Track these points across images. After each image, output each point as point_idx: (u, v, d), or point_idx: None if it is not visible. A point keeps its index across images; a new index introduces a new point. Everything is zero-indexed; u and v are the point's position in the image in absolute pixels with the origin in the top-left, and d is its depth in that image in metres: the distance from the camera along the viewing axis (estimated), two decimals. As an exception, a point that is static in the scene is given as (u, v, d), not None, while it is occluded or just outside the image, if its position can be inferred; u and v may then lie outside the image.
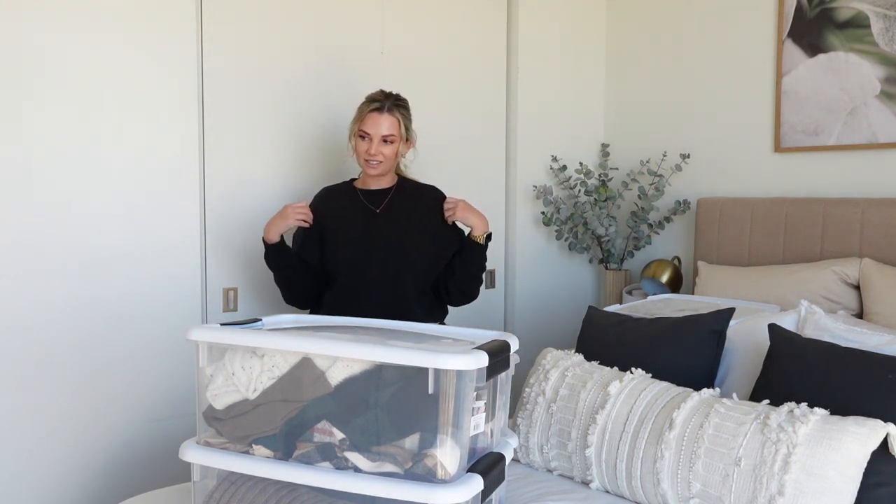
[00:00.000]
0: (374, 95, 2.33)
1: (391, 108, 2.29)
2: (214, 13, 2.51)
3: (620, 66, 3.48)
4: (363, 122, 2.29)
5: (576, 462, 1.89)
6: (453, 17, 3.10)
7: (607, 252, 3.26)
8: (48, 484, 2.30)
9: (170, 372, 2.48)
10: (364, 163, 2.33)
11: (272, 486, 1.49)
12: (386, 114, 2.28)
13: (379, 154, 2.29)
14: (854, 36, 2.68)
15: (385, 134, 2.28)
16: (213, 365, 1.57)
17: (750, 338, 2.15)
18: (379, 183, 2.41)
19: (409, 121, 2.35)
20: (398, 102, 2.32)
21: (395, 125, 2.29)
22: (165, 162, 2.45)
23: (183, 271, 2.50)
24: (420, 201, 2.41)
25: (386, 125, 2.27)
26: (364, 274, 2.32)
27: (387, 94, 2.33)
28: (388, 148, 2.30)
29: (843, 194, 2.75)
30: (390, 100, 2.31)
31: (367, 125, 2.28)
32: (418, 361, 1.38)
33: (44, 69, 2.23)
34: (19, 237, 2.22)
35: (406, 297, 2.34)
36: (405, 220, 2.37)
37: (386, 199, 2.39)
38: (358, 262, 2.33)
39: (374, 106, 2.29)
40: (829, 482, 1.51)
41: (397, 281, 2.33)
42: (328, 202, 2.42)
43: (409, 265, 2.34)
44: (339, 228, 2.36)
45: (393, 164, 2.37)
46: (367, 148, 2.29)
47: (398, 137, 2.30)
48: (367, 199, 2.39)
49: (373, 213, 2.37)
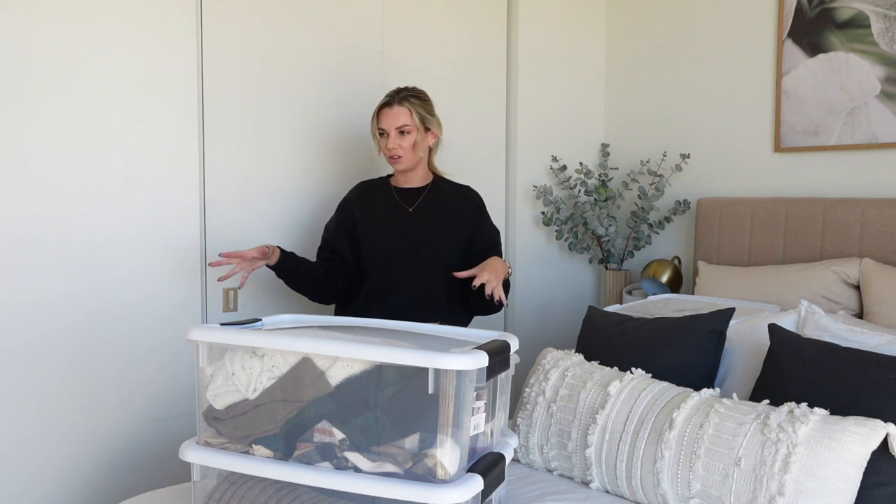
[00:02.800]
0: (387, 93, 2.39)
1: (401, 100, 2.33)
2: (214, 13, 2.51)
3: (620, 66, 3.49)
4: (378, 119, 2.36)
5: (576, 462, 1.89)
6: (453, 18, 3.10)
7: (607, 252, 3.26)
8: (48, 484, 2.30)
9: (170, 372, 2.48)
10: (388, 159, 2.37)
11: (272, 486, 1.49)
12: (396, 106, 2.32)
13: (398, 147, 2.33)
14: (854, 36, 2.68)
15: (399, 125, 2.31)
16: (213, 365, 1.57)
17: (750, 338, 2.15)
18: (412, 181, 2.43)
19: (426, 111, 2.37)
20: (409, 93, 2.36)
21: (407, 115, 2.32)
22: (165, 162, 2.45)
23: (183, 271, 2.50)
24: (454, 202, 2.43)
25: (398, 117, 2.32)
26: (395, 272, 2.35)
27: (399, 89, 2.38)
28: (405, 140, 2.33)
29: (843, 194, 2.75)
30: (401, 93, 2.35)
31: (381, 121, 2.35)
32: (418, 361, 1.38)
33: (44, 69, 2.23)
34: (19, 237, 2.22)
35: (437, 296, 2.35)
36: (437, 220, 2.39)
37: (420, 198, 2.41)
38: (389, 259, 2.35)
39: (385, 101, 2.36)
40: (829, 482, 1.51)
41: (428, 281, 2.34)
42: (364, 197, 2.46)
43: (440, 265, 2.35)
44: (371, 225, 2.39)
45: (417, 158, 2.38)
46: (385, 143, 2.34)
47: (414, 127, 2.33)
48: (401, 198, 2.42)
49: (405, 212, 2.39)
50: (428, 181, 2.45)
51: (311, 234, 2.76)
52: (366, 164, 2.89)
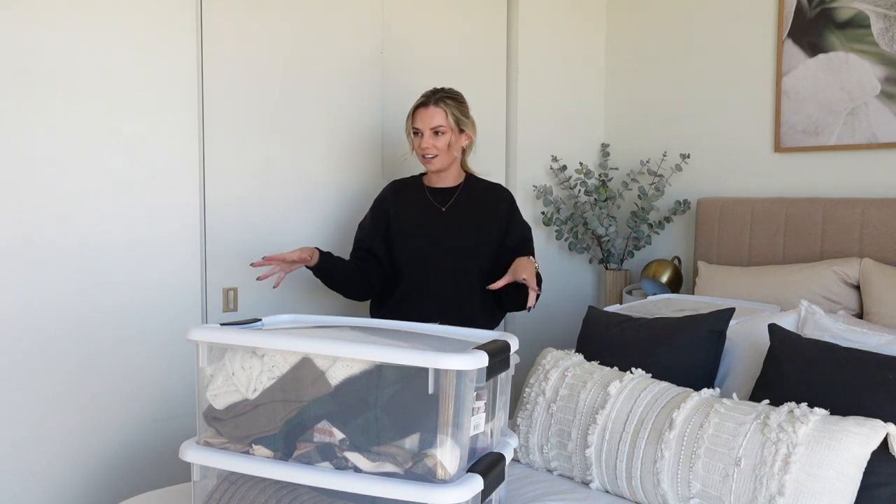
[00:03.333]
0: (422, 94, 2.41)
1: (437, 100, 2.36)
2: (214, 14, 2.51)
3: (620, 66, 3.49)
4: (413, 119, 2.38)
5: (576, 462, 1.89)
6: (453, 18, 3.10)
7: (607, 252, 3.26)
8: (48, 484, 2.30)
9: (170, 372, 2.48)
10: (421, 158, 2.39)
11: (272, 486, 1.49)
12: (432, 106, 2.35)
13: (431, 147, 2.35)
14: (854, 36, 2.68)
15: (433, 126, 2.34)
16: (213, 365, 1.57)
17: (750, 338, 2.15)
18: (445, 180, 2.45)
19: (461, 112, 2.39)
20: (445, 94, 2.38)
21: (442, 116, 2.34)
22: (165, 162, 2.45)
23: (183, 271, 2.50)
24: (486, 200, 2.45)
25: (433, 117, 2.34)
26: (428, 271, 2.37)
27: (435, 89, 2.40)
28: (440, 140, 2.35)
29: (843, 194, 2.75)
30: (437, 94, 2.38)
31: (416, 121, 2.37)
32: (418, 361, 1.38)
33: (43, 69, 2.23)
34: (19, 237, 2.22)
35: (470, 294, 2.36)
36: (470, 219, 2.41)
37: (452, 197, 2.43)
38: (423, 259, 2.37)
39: (421, 101, 2.38)
40: (829, 482, 1.51)
41: (462, 279, 2.36)
42: (397, 196, 2.48)
43: (473, 264, 2.37)
44: (405, 224, 2.42)
45: (451, 158, 2.40)
46: (419, 143, 2.36)
47: (448, 128, 2.35)
48: (434, 197, 2.44)
49: (438, 211, 2.42)
50: (460, 180, 2.47)
51: (311, 233, 2.76)
52: (367, 164, 2.89)
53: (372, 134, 2.90)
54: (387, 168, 2.93)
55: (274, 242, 2.68)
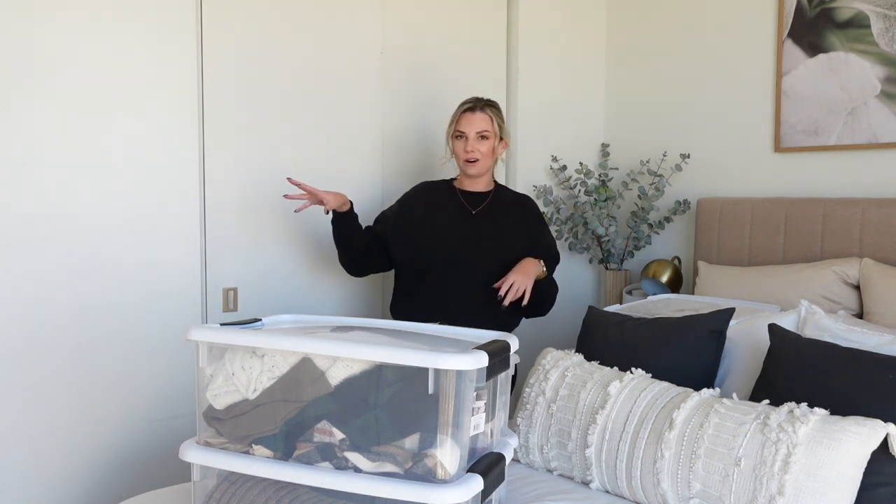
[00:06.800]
0: (467, 99, 2.47)
1: (483, 107, 2.43)
2: (214, 13, 2.51)
3: (620, 66, 3.49)
4: (458, 122, 2.44)
5: (576, 462, 1.89)
6: (453, 18, 3.10)
7: (607, 252, 3.26)
8: (48, 484, 2.30)
9: (170, 372, 2.48)
10: (463, 162, 2.44)
11: (272, 486, 1.49)
12: (479, 112, 2.42)
13: (475, 151, 2.41)
14: (854, 36, 2.68)
15: (480, 130, 2.40)
16: (213, 365, 1.57)
17: (750, 338, 2.15)
18: (476, 186, 2.50)
19: (502, 120, 2.48)
20: (489, 102, 2.46)
21: (488, 122, 2.42)
22: (165, 162, 2.45)
23: (183, 271, 2.50)
24: (514, 208, 2.51)
25: (479, 122, 2.41)
26: (458, 271, 2.39)
27: (479, 97, 2.47)
28: (484, 145, 2.41)
29: (843, 194, 2.75)
30: (482, 101, 2.45)
31: (461, 125, 2.43)
32: (418, 361, 1.38)
33: (43, 69, 2.23)
34: (18, 238, 2.22)
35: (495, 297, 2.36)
36: (501, 223, 2.46)
37: (484, 202, 2.48)
38: (453, 259, 2.40)
39: (467, 106, 2.45)
40: (829, 482, 1.51)
41: (488, 281, 2.37)
42: (426, 197, 2.52)
43: (499, 267, 2.39)
44: (435, 224, 2.45)
45: (490, 164, 2.46)
46: (464, 146, 2.41)
47: (492, 134, 2.43)
48: (466, 200, 2.48)
49: (469, 214, 2.45)
50: (491, 187, 2.54)
51: (311, 233, 2.76)
52: (367, 164, 2.89)
53: (372, 134, 2.90)
54: (387, 168, 2.93)
55: (274, 242, 2.68)
